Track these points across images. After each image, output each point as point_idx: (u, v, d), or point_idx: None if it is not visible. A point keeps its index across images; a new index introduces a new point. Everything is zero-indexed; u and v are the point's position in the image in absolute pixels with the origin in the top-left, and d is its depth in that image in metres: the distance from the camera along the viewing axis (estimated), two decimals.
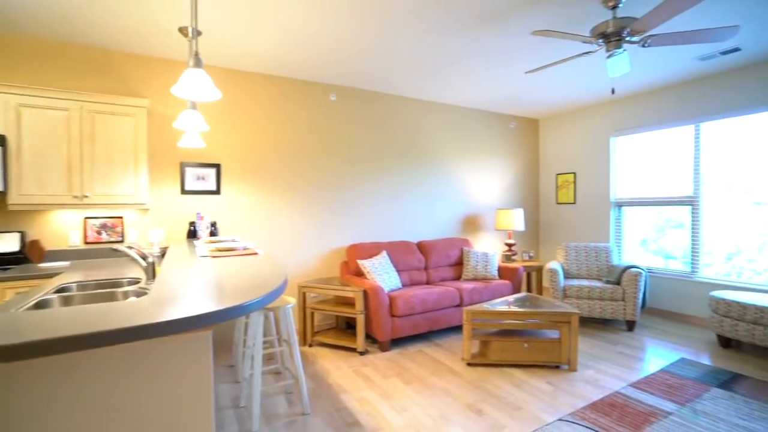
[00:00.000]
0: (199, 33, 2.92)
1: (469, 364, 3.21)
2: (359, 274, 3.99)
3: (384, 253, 4.06)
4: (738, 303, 3.38)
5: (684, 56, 3.57)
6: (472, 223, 5.28)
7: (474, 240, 5.30)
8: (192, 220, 3.53)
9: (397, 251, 4.25)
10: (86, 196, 2.85)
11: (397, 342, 3.78)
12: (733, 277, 4.02)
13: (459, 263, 4.68)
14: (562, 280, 4.24)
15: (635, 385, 2.81)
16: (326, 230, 4.19)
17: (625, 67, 2.81)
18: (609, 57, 2.69)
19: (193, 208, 3.56)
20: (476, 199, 5.32)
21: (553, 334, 3.25)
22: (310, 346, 3.71)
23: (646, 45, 2.56)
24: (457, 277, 4.58)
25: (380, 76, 3.98)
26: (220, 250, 2.26)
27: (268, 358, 3.39)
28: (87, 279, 2.15)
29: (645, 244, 4.78)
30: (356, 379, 2.97)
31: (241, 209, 3.76)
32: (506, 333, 3.26)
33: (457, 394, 2.71)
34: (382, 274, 3.81)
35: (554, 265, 4.34)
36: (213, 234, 3.56)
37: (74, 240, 3.09)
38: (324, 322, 4.16)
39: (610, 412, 2.44)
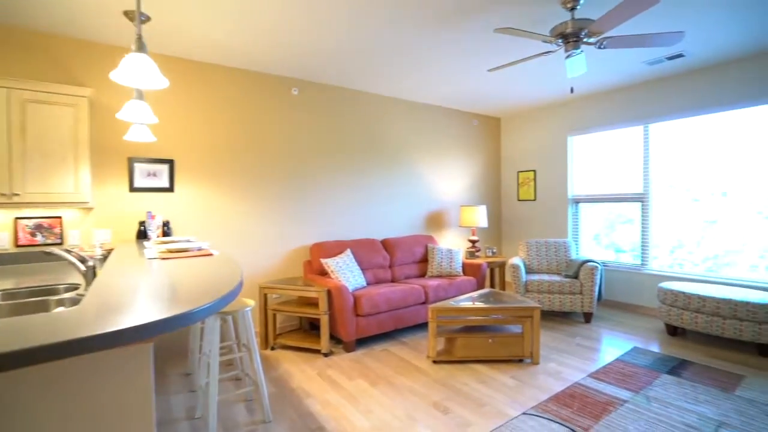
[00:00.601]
0: (147, 18, 2.72)
1: (434, 362, 3.21)
2: (323, 273, 3.89)
3: (348, 252, 3.99)
4: (683, 293, 3.59)
5: (634, 60, 3.74)
6: (436, 220, 5.31)
7: (438, 237, 5.33)
8: (142, 220, 3.29)
9: (362, 249, 4.19)
10: (16, 194, 2.57)
11: (363, 342, 3.72)
12: (676, 269, 4.29)
13: (424, 260, 4.68)
14: (524, 275, 4.35)
15: (593, 376, 2.91)
16: (289, 229, 4.05)
17: (582, 67, 2.89)
18: (567, 57, 2.75)
19: (143, 207, 3.32)
20: (440, 196, 5.36)
21: (516, 328, 3.31)
22: (273, 349, 3.57)
23: (602, 46, 2.64)
24: (422, 275, 4.58)
25: (344, 71, 3.89)
26: (171, 251, 2.10)
27: (227, 364, 3.22)
28: (18, 287, 1.92)
29: (598, 239, 5.01)
30: (321, 382, 2.89)
31: (197, 208, 3.55)
32: (471, 329, 3.29)
33: (423, 392, 2.69)
34: (347, 273, 3.73)
35: (516, 260, 4.44)
36: (166, 234, 3.34)
37: (2, 243, 2.79)
38: (287, 324, 4.02)
39: (571, 403, 2.51)
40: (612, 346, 3.51)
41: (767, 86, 3.61)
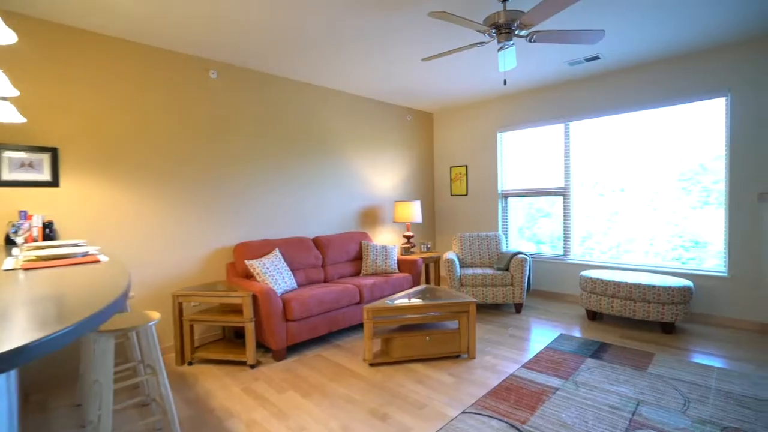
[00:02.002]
0: None
1: (371, 365, 3.05)
2: (249, 276, 3.53)
3: (277, 252, 3.67)
4: (601, 280, 3.84)
5: (557, 60, 3.90)
6: (370, 216, 5.16)
7: (373, 233, 5.19)
8: (13, 220, 2.68)
9: (292, 249, 3.89)
10: None
11: (294, 348, 3.45)
12: (587, 257, 4.62)
13: (358, 258, 4.51)
14: (459, 269, 4.37)
15: (527, 366, 2.96)
16: (208, 228, 3.62)
17: (512, 61, 2.91)
18: (500, 50, 2.74)
19: (15, 205, 2.71)
20: (374, 192, 5.22)
21: (453, 324, 3.27)
22: (190, 364, 3.15)
23: (532, 40, 2.65)
24: (357, 273, 4.41)
25: (269, 55, 3.55)
26: (41, 259, 1.68)
27: (133, 388, 2.76)
28: None
29: (521, 232, 5.25)
30: (246, 398, 2.58)
31: (91, 206, 3.00)
32: (408, 328, 3.18)
33: (359, 399, 2.52)
34: (275, 275, 3.42)
35: (451, 255, 4.45)
36: (49, 237, 2.77)
37: None
38: (208, 334, 3.60)
39: (508, 396, 2.50)
40: (541, 335, 3.64)
41: (665, 91, 3.98)
